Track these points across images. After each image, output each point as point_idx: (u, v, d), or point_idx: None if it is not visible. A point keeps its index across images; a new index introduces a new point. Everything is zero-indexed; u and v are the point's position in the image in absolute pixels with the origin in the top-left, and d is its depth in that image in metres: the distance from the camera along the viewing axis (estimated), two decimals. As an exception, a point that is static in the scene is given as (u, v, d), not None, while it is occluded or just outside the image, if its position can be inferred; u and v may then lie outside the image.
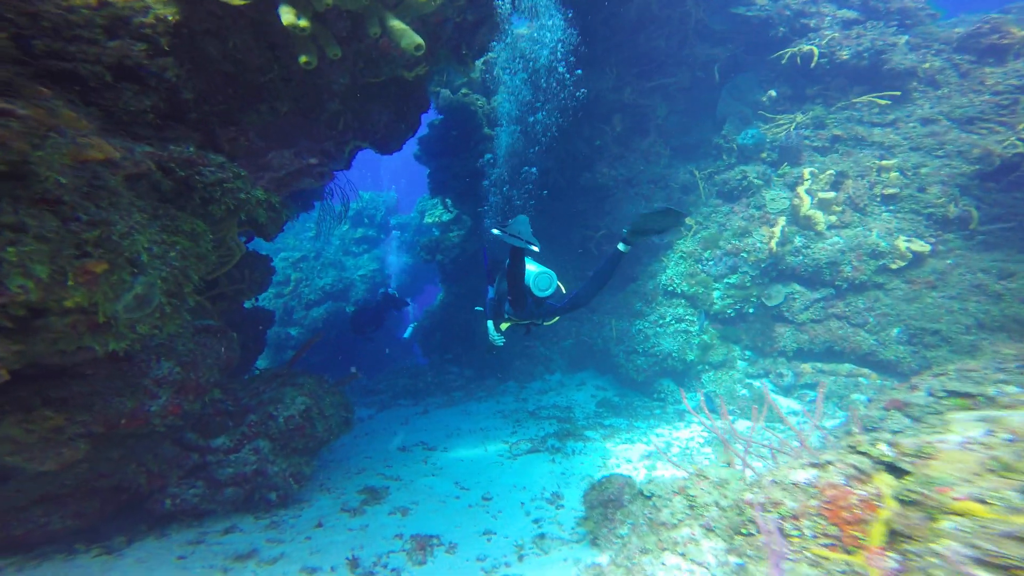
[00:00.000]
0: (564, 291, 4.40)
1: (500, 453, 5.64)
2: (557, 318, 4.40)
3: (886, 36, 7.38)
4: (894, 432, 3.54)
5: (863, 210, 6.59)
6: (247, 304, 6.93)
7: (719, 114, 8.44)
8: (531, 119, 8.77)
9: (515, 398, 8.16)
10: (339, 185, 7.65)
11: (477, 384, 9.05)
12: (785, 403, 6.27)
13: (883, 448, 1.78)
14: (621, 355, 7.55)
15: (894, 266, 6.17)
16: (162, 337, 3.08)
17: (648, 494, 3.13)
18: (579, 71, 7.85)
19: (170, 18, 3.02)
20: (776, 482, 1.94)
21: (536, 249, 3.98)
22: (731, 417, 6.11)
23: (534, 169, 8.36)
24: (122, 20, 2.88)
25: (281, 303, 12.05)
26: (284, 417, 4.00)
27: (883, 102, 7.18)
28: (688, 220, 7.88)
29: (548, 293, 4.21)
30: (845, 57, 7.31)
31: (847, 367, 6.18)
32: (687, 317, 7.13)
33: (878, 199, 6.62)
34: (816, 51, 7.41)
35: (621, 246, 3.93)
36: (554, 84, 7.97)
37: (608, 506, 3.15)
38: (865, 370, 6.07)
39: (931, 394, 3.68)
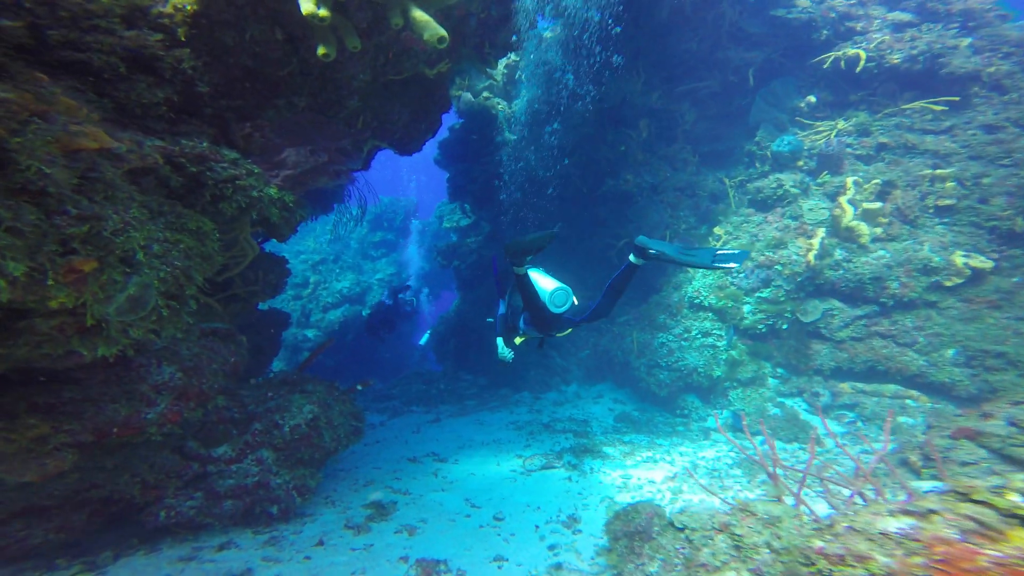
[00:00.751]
0: (577, 303, 4.25)
1: (513, 468, 5.35)
2: (570, 329, 4.27)
3: (945, 39, 6.91)
4: (964, 463, 3.13)
5: (913, 222, 6.11)
6: (262, 306, 6.86)
7: (752, 120, 8.06)
8: (548, 129, 8.54)
9: (529, 409, 7.86)
10: (358, 187, 7.55)
11: (490, 393, 8.78)
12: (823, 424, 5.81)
13: (1016, 499, 1.44)
14: (642, 368, 7.19)
15: (949, 283, 5.69)
16: (163, 341, 2.92)
17: (680, 526, 2.82)
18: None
19: (189, 7, 2.89)
20: (856, 529, 1.61)
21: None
22: (762, 438, 5.69)
23: (550, 190, 8.05)
24: (141, 9, 2.75)
25: (299, 305, 12.05)
26: (290, 426, 3.81)
27: (938, 108, 6.70)
28: (718, 230, 7.51)
29: (564, 309, 4.11)
30: (896, 61, 6.86)
31: (892, 388, 5.70)
32: (714, 331, 6.74)
33: (931, 211, 6.14)
34: (863, 55, 6.98)
35: (632, 258, 3.77)
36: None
37: (635, 538, 2.84)
38: (913, 392, 5.58)
39: (1013, 424, 3.25)
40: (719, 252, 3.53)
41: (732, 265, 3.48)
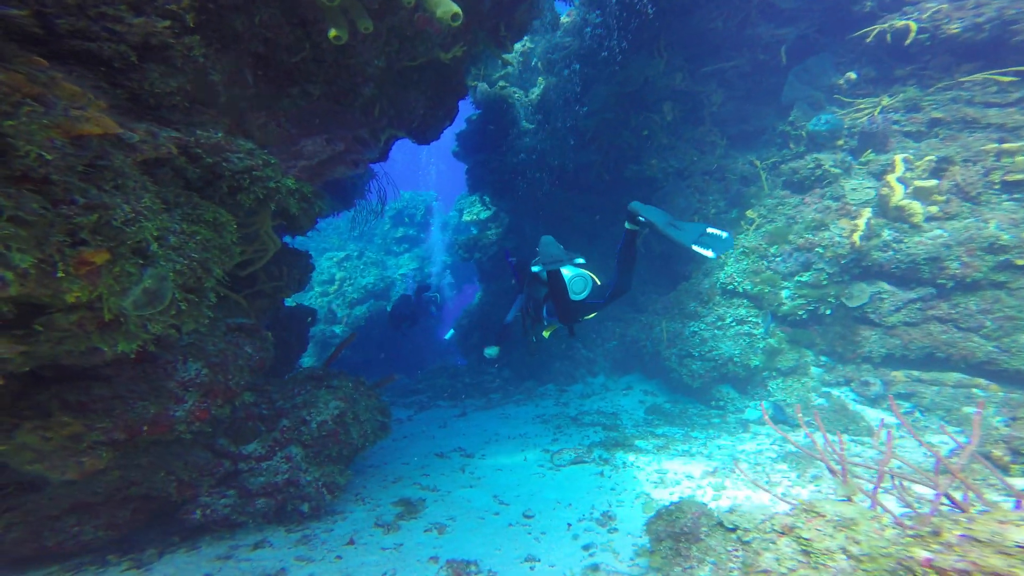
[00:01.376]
0: (599, 283, 4.27)
1: (541, 463, 5.18)
2: (595, 313, 4.28)
3: (1019, 2, 6.26)
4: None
5: (975, 199, 5.57)
6: (288, 302, 6.88)
7: (785, 99, 7.56)
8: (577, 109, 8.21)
9: (555, 402, 7.67)
10: (379, 181, 7.46)
11: (515, 386, 8.63)
12: (875, 415, 5.41)
13: None
14: (673, 359, 6.88)
15: (1021, 262, 5.15)
16: (186, 337, 2.86)
17: (731, 526, 2.58)
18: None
19: (195, -8, 2.78)
20: (979, 540, 1.36)
21: (582, 262, 4.00)
22: (812, 430, 5.36)
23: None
24: (146, -5, 2.66)
25: (326, 302, 12.16)
26: (317, 422, 3.74)
27: (1006, 79, 6.08)
28: (750, 213, 7.09)
29: (584, 295, 4.15)
30: (955, 31, 6.25)
31: (954, 376, 5.24)
32: (750, 319, 6.38)
33: (996, 187, 5.58)
34: (914, 26, 6.40)
35: (628, 225, 3.79)
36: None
37: (680, 539, 2.62)
38: (980, 380, 5.11)
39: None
40: (708, 231, 3.36)
41: (708, 253, 3.29)
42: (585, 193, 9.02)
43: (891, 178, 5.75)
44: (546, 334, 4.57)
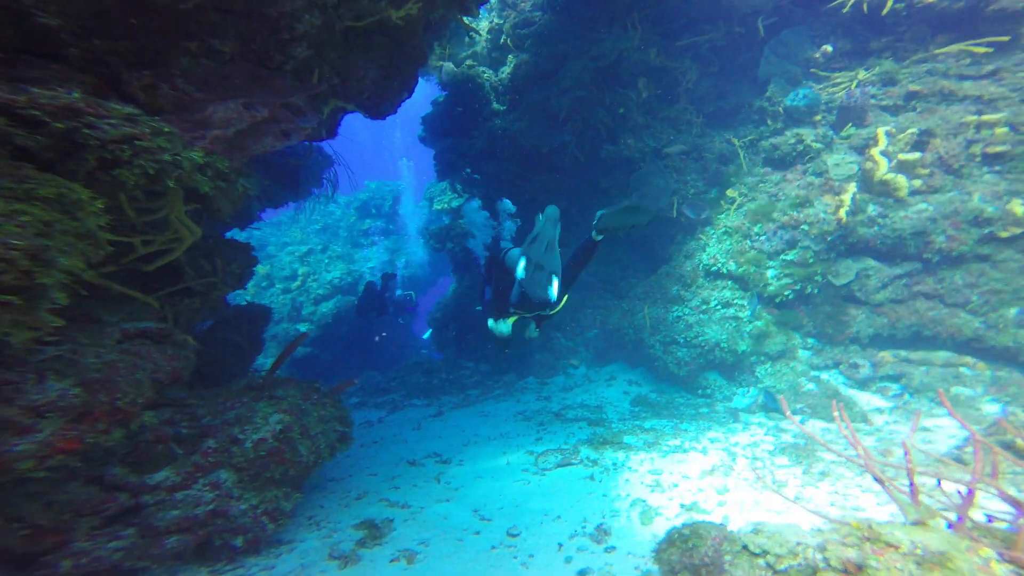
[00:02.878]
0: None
1: (525, 467, 4.61)
2: (561, 305, 4.12)
3: None
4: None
5: (958, 172, 5.29)
6: (243, 300, 6.06)
7: (762, 75, 7.15)
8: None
9: (537, 396, 7.12)
10: (344, 168, 6.65)
11: (494, 380, 8.03)
12: (865, 399, 5.09)
13: None
14: (658, 346, 6.43)
15: (1005, 234, 4.91)
16: (49, 349, 2.09)
17: (758, 550, 2.07)
18: None
19: None
20: None
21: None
22: (800, 417, 4.97)
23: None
24: None
25: (289, 299, 11.19)
26: (253, 441, 3.02)
27: (981, 50, 5.80)
28: (730, 192, 6.67)
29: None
30: (932, 0, 5.93)
31: (943, 355, 4.97)
32: (736, 301, 5.97)
33: (978, 159, 5.32)
34: None
35: (594, 234, 3.81)
36: None
37: (701, 573, 2.09)
38: (967, 358, 4.85)
39: None
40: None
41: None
42: (561, 176, 8.43)
43: (875, 151, 5.41)
44: (510, 322, 4.31)
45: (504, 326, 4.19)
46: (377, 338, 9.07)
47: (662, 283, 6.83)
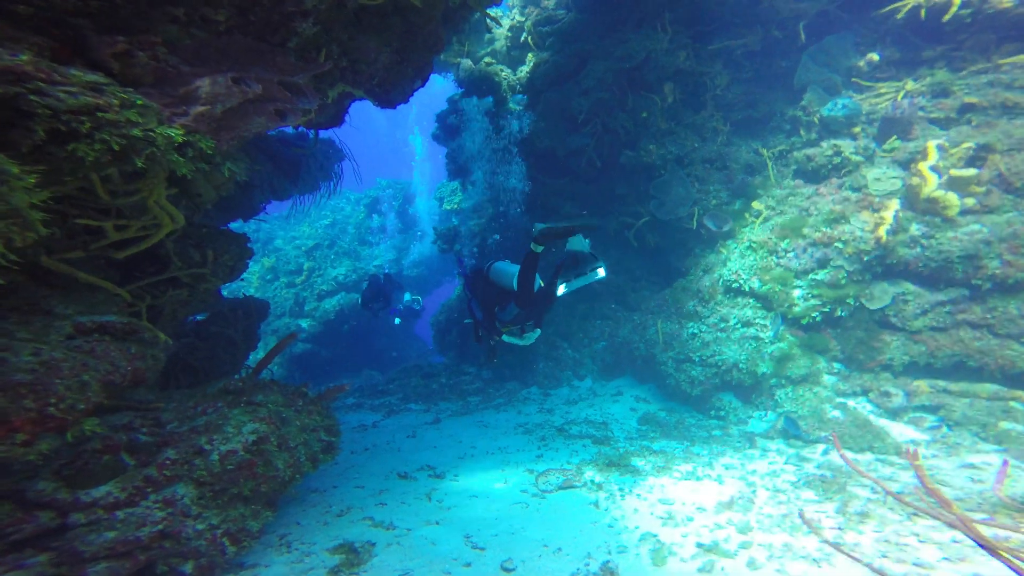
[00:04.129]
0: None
1: (524, 488, 4.21)
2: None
3: None
4: None
5: (1020, 191, 4.80)
6: (243, 294, 5.80)
7: (797, 83, 6.70)
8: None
9: (539, 408, 6.72)
10: (351, 161, 6.33)
11: (496, 388, 7.64)
12: (898, 429, 4.61)
13: None
14: (670, 363, 5.99)
15: (1070, 262, 4.42)
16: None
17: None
18: None
19: None
20: None
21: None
22: (823, 448, 4.50)
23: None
24: None
25: (292, 293, 10.92)
26: (221, 452, 2.66)
27: None
28: (756, 204, 6.23)
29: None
30: (1007, 5, 5.42)
31: (989, 388, 4.48)
32: (757, 320, 5.52)
33: (1044, 179, 4.82)
34: (956, 0, 5.57)
35: (533, 246, 3.78)
36: None
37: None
38: (1020, 392, 4.36)
39: None
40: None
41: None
42: (575, 181, 8.06)
43: (923, 166, 4.94)
44: (504, 335, 4.37)
45: (530, 337, 4.26)
46: (380, 315, 8.90)
47: (677, 297, 6.40)
